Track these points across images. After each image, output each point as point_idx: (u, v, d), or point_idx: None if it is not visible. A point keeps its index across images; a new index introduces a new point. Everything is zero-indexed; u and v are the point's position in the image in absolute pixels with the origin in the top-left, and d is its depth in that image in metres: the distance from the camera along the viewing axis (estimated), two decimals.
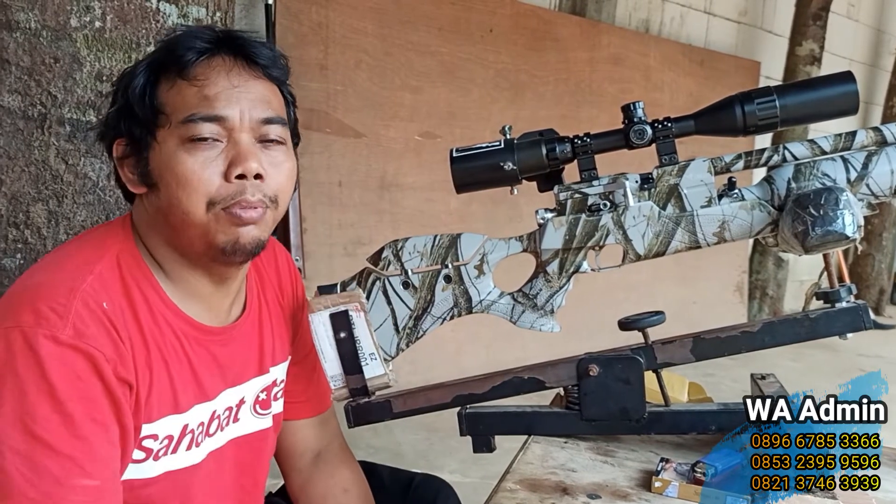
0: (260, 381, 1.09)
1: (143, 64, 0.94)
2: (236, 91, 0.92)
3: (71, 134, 1.70)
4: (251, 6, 2.94)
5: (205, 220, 0.91)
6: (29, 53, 1.66)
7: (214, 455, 1.03)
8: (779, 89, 1.07)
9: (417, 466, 1.41)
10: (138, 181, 0.94)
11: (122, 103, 0.93)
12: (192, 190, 0.89)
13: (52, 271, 0.89)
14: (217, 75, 0.91)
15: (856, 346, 4.85)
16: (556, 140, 1.12)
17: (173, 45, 0.92)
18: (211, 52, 0.92)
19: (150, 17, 1.75)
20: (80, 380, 0.83)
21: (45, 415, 0.80)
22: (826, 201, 1.01)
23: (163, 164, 0.91)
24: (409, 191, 3.53)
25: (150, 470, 0.95)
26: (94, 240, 0.96)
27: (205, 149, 0.90)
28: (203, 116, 0.89)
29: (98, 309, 0.86)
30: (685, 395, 1.37)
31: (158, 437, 0.94)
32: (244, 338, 1.06)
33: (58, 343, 0.81)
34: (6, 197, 1.69)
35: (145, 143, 0.92)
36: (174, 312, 0.96)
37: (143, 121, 0.91)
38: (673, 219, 1.10)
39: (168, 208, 0.92)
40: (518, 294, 1.17)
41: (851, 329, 1.06)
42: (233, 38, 0.94)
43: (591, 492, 1.02)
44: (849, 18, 6.41)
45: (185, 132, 0.89)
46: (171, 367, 0.95)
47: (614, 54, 4.40)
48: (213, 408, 1.01)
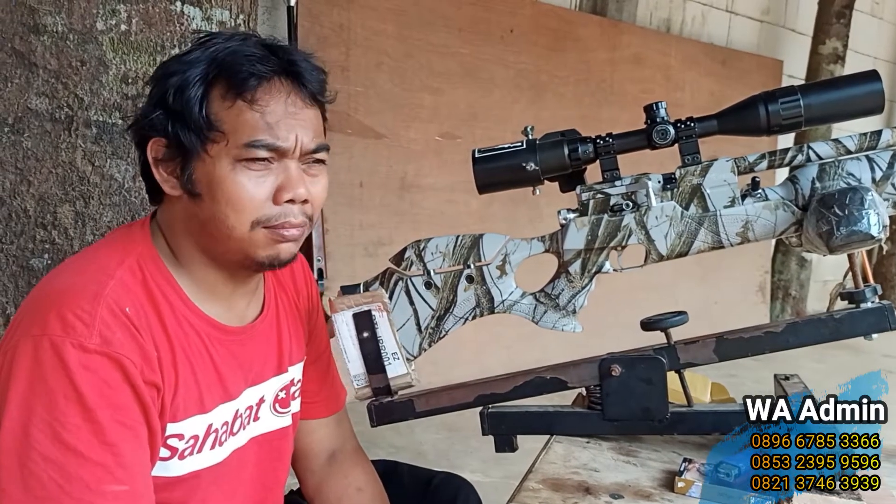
0: (279, 380, 1.11)
1: (195, 72, 0.92)
2: (293, 119, 0.93)
3: (97, 136, 1.72)
4: (273, 8, 2.96)
5: (247, 237, 0.93)
6: (56, 57, 1.68)
7: (237, 453, 1.04)
8: (803, 88, 1.06)
9: (439, 466, 1.41)
10: (178, 186, 0.94)
11: (173, 107, 0.92)
12: (241, 209, 0.92)
13: (74, 276, 0.91)
14: (276, 102, 0.92)
15: (881, 347, 4.77)
16: (579, 140, 1.12)
17: (233, 64, 0.92)
18: (270, 76, 0.93)
19: (175, 20, 1.77)
20: (109, 387, 0.84)
21: (75, 423, 0.82)
22: (851, 201, 1.00)
23: (213, 179, 0.92)
24: (429, 191, 3.54)
25: (176, 469, 0.96)
26: (114, 243, 0.97)
27: (259, 171, 0.92)
28: (266, 144, 0.91)
29: (122, 314, 0.87)
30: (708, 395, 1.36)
31: (184, 437, 0.96)
32: (263, 337, 1.08)
33: (85, 351, 0.83)
34: (34, 198, 1.71)
35: (194, 152, 0.92)
36: (195, 313, 0.97)
37: (196, 131, 0.91)
38: (696, 219, 1.10)
39: (211, 220, 0.93)
40: (540, 294, 1.18)
41: (877, 330, 1.05)
42: (291, 63, 0.95)
43: (614, 492, 1.02)
44: (873, 16, 6.34)
45: (243, 154, 0.91)
46: (195, 368, 0.96)
47: (635, 54, 4.38)
48: (235, 407, 1.03)
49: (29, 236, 1.73)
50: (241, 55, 0.93)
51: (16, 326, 0.88)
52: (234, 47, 0.94)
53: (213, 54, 0.93)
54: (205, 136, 0.91)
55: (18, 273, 1.74)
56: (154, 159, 0.95)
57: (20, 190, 1.71)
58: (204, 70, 0.93)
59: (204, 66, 0.93)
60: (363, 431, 1.26)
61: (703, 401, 1.32)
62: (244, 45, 0.94)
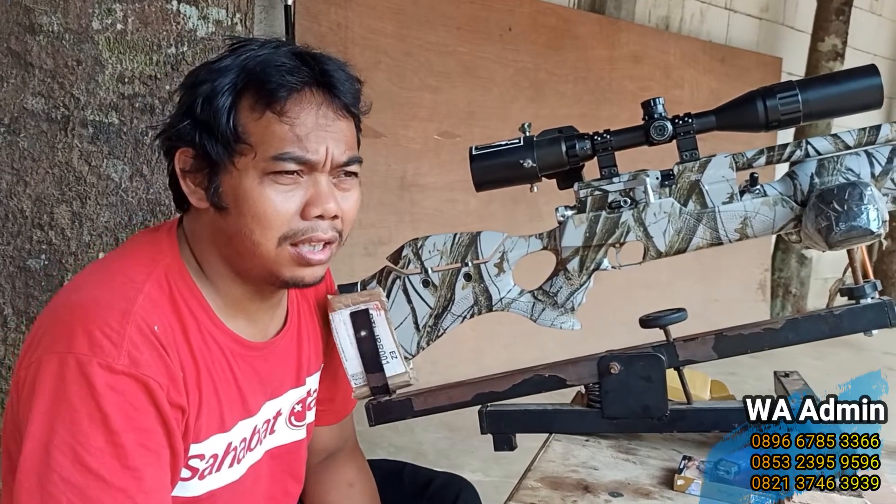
0: (296, 392, 1.09)
1: (225, 82, 0.90)
2: (324, 132, 0.91)
3: (94, 136, 1.71)
4: (271, 7, 2.96)
5: (273, 254, 0.91)
6: (52, 56, 1.68)
7: (253, 468, 1.04)
8: (801, 83, 1.06)
9: (439, 465, 1.41)
10: (206, 198, 0.92)
11: (201, 117, 0.90)
12: (268, 224, 0.90)
13: (99, 289, 0.88)
14: (307, 114, 0.90)
15: (881, 344, 4.78)
16: (576, 137, 1.12)
17: (264, 74, 0.90)
18: (301, 88, 0.91)
19: (171, 19, 1.76)
20: (135, 409, 0.82)
21: (98, 446, 0.80)
22: (850, 196, 1.00)
23: (240, 193, 0.89)
24: (428, 191, 3.54)
25: (195, 489, 0.95)
26: (140, 253, 0.94)
27: (287, 184, 0.90)
28: (295, 157, 0.89)
29: (150, 333, 0.85)
30: (707, 392, 1.36)
31: (205, 457, 0.95)
32: (284, 351, 1.06)
33: (112, 372, 0.81)
34: (30, 199, 1.70)
35: (222, 164, 0.90)
36: (221, 330, 0.96)
37: (224, 143, 0.89)
38: (694, 215, 1.09)
39: (237, 235, 0.91)
40: (538, 292, 1.17)
41: (877, 326, 1.05)
42: (324, 73, 0.92)
43: (613, 490, 1.02)
44: (872, 13, 6.34)
45: (271, 167, 0.89)
46: (218, 387, 0.95)
47: (634, 52, 4.39)
48: (254, 423, 1.02)
49: (26, 237, 1.72)
50: (271, 65, 0.90)
51: (38, 341, 0.85)
52: (265, 56, 0.91)
53: (244, 63, 0.91)
54: (232, 148, 0.89)
55: (15, 274, 1.73)
56: (181, 170, 0.93)
57: (16, 190, 1.70)
58: (233, 80, 0.90)
59: (234, 75, 0.90)
60: (363, 431, 1.26)
61: (703, 398, 1.32)
62: (275, 54, 0.91)
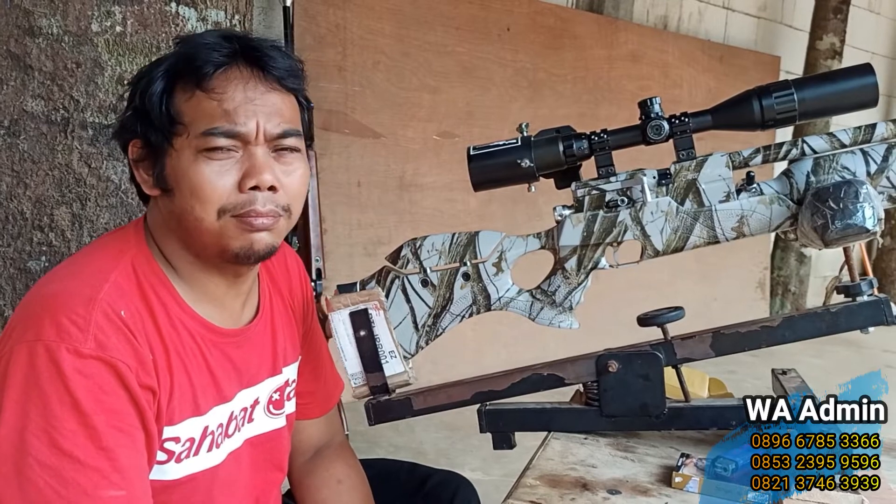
0: (273, 381, 1.11)
1: (159, 70, 0.94)
2: (253, 105, 0.92)
3: (93, 138, 1.72)
4: (269, 8, 2.96)
5: (216, 227, 0.92)
6: (51, 59, 1.68)
7: (233, 455, 1.04)
8: (797, 82, 1.06)
9: (439, 464, 1.41)
10: (153, 184, 0.95)
11: (139, 107, 0.94)
12: (205, 198, 0.91)
13: (68, 280, 0.90)
14: (234, 88, 0.92)
15: (880, 341, 4.80)
16: (573, 137, 1.13)
17: (191, 55, 0.92)
18: (228, 63, 0.93)
19: (170, 20, 1.77)
20: (104, 392, 0.84)
21: (71, 428, 0.82)
22: (846, 195, 1.00)
23: (179, 172, 0.92)
24: (428, 190, 3.54)
25: (173, 472, 0.96)
26: (108, 246, 0.97)
27: (220, 159, 0.91)
28: (223, 132, 0.91)
29: (117, 318, 0.87)
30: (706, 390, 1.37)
31: (180, 440, 0.96)
32: (258, 339, 1.07)
33: (80, 356, 0.83)
34: (31, 200, 1.71)
35: (162, 148, 0.93)
36: (190, 315, 0.97)
37: (160, 127, 0.92)
38: (691, 214, 1.10)
39: (181, 213, 0.93)
40: (536, 291, 1.18)
41: (873, 323, 1.06)
42: (250, 49, 0.94)
43: (612, 487, 1.02)
44: (870, 11, 6.35)
45: (202, 143, 0.91)
46: (190, 371, 0.96)
47: (632, 51, 4.39)
48: (230, 409, 1.03)
49: (26, 238, 1.73)
50: (200, 46, 0.93)
51: (10, 332, 0.87)
52: (196, 40, 0.95)
53: (179, 50, 0.95)
54: (169, 130, 0.92)
55: (16, 275, 1.74)
56: (134, 161, 0.96)
57: (17, 192, 1.71)
58: (167, 66, 0.94)
59: (168, 62, 0.94)
60: (364, 430, 1.27)
61: (701, 396, 1.33)
62: (205, 37, 0.95)
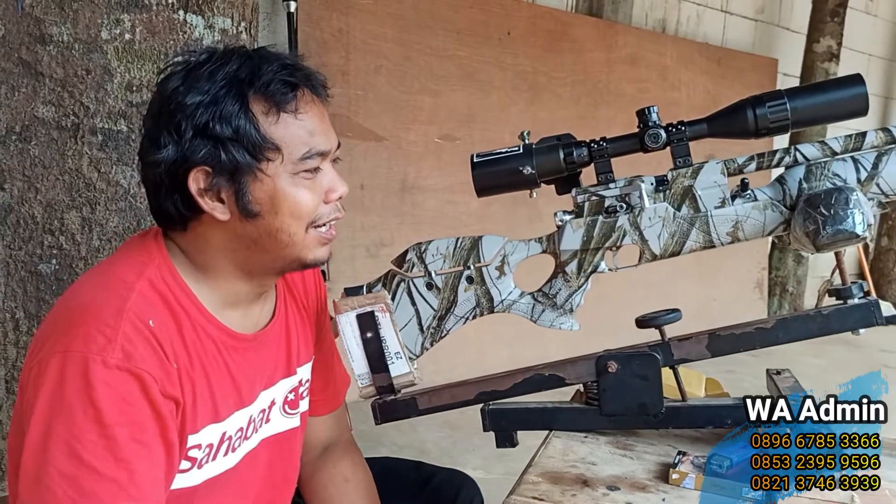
0: (288, 382, 1.13)
1: (229, 97, 0.92)
2: (322, 122, 0.98)
3: (103, 143, 1.75)
4: (273, 14, 2.99)
5: (302, 241, 0.98)
6: (62, 66, 1.71)
7: (249, 456, 1.07)
8: (790, 92, 1.09)
9: (441, 463, 1.44)
10: (231, 210, 0.95)
11: (222, 134, 0.92)
12: (304, 216, 0.97)
13: (95, 291, 0.92)
14: (309, 109, 0.96)
15: (878, 341, 4.82)
16: (574, 144, 1.15)
17: (264, 80, 0.93)
18: (298, 86, 0.96)
19: (178, 28, 1.80)
20: (127, 403, 0.86)
21: (91, 439, 0.83)
22: (836, 201, 1.03)
23: (278, 196, 0.95)
24: (429, 193, 3.57)
25: (195, 478, 0.99)
26: (130, 256, 0.98)
27: (311, 177, 0.97)
28: (318, 152, 0.96)
29: (145, 328, 0.89)
30: (702, 390, 1.40)
31: (202, 447, 0.98)
32: (273, 342, 1.10)
33: (107, 366, 0.84)
34: (41, 205, 1.74)
35: (247, 174, 0.93)
36: (213, 324, 0.99)
37: (251, 152, 0.92)
38: (688, 219, 1.13)
39: (269, 234, 0.96)
40: (538, 294, 1.21)
41: (863, 325, 1.08)
42: (302, 69, 0.98)
43: (611, 484, 1.05)
44: (867, 13, 6.36)
45: (300, 167, 0.95)
46: (211, 379, 0.98)
47: (631, 54, 4.41)
48: (249, 413, 1.05)
49: (37, 242, 1.75)
50: (265, 71, 0.94)
51: (41, 345, 0.89)
52: (249, 65, 0.94)
53: (233, 76, 0.93)
54: (261, 155, 0.93)
55: (27, 278, 1.77)
56: (199, 190, 0.94)
57: (28, 197, 1.74)
58: (236, 92, 0.93)
59: (232, 89, 0.93)
60: (368, 430, 1.29)
61: (698, 395, 1.36)
62: (261, 62, 0.95)
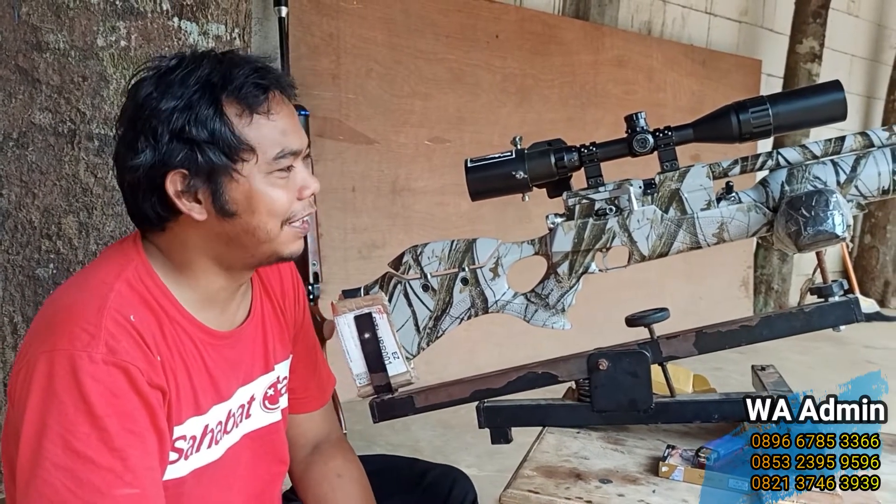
0: (266, 378, 1.17)
1: (203, 100, 0.94)
2: (293, 122, 1.01)
3: (99, 148, 1.76)
4: (265, 19, 3.01)
5: (278, 236, 1.01)
6: (58, 73, 1.73)
7: (232, 450, 1.10)
8: (771, 98, 1.13)
9: (435, 461, 1.46)
10: (208, 210, 0.98)
11: (197, 136, 0.94)
12: (279, 214, 1.00)
13: (77, 293, 0.96)
14: (281, 110, 0.99)
15: (862, 338, 4.89)
16: (564, 149, 1.19)
17: (236, 83, 0.95)
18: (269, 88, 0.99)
19: (173, 34, 1.82)
20: (115, 395, 0.89)
21: (85, 432, 0.87)
22: (817, 203, 1.07)
23: (254, 195, 0.98)
24: (420, 194, 3.59)
25: (182, 469, 1.02)
26: (109, 260, 1.01)
27: (285, 176, 1.00)
28: (291, 152, 0.99)
29: (126, 323, 0.93)
30: (690, 386, 1.43)
31: (186, 438, 1.02)
32: (250, 339, 1.13)
33: (93, 361, 0.88)
34: (39, 210, 1.76)
35: (223, 175, 0.96)
36: (189, 321, 1.03)
37: (227, 153, 0.95)
38: (675, 221, 1.16)
39: (246, 232, 0.99)
40: (531, 294, 1.24)
41: (844, 322, 1.11)
42: (270, 70, 1.01)
43: (603, 477, 1.08)
44: (849, 14, 6.42)
45: (274, 167, 0.98)
46: (191, 373, 1.02)
47: (618, 56, 4.44)
48: (228, 407, 1.09)
49: (34, 247, 1.77)
50: (236, 74, 0.96)
51: (29, 345, 0.93)
52: (221, 69, 0.97)
53: (205, 81, 0.95)
54: (237, 155, 0.96)
55: (25, 283, 1.78)
56: (176, 192, 0.96)
57: (25, 202, 1.76)
58: (209, 96, 0.95)
59: (206, 93, 0.95)
60: (363, 429, 1.31)
61: (686, 392, 1.39)
62: (232, 66, 0.97)
